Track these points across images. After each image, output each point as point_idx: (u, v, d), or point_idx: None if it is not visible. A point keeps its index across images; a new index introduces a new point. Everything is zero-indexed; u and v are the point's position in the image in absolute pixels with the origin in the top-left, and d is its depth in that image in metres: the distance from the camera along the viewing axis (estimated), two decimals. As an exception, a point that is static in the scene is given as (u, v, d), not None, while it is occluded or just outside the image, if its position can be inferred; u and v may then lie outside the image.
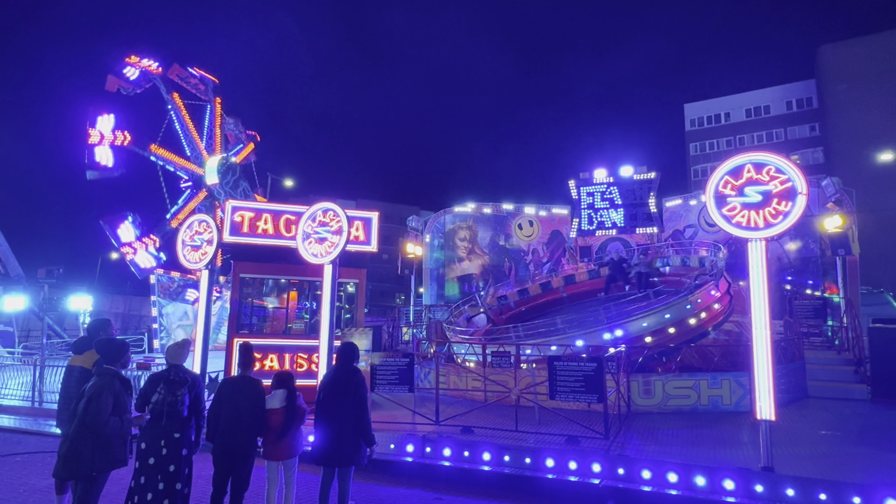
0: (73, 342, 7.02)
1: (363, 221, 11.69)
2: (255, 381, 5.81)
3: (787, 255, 18.74)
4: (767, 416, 6.82)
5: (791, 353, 12.86)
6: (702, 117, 57.60)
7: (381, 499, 7.13)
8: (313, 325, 11.93)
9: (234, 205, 11.80)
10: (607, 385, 8.94)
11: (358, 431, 5.68)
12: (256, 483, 6.02)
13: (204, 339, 10.28)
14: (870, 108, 44.01)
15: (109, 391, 4.73)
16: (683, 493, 6.82)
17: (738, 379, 10.85)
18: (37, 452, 9.24)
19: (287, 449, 5.80)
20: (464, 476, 7.87)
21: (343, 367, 5.90)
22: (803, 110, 52.69)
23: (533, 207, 24.21)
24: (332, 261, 9.26)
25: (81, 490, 4.77)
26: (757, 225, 6.99)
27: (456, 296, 22.15)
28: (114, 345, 5.06)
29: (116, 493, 6.67)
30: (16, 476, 7.86)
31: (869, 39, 46.57)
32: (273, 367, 11.21)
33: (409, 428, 9.37)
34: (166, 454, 4.97)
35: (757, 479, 6.63)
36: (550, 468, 7.68)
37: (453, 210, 23.54)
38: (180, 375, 5.18)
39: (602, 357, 9.03)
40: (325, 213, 9.34)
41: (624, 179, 22.86)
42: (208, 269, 10.46)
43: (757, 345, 6.99)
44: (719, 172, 7.27)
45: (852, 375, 12.78)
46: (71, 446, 4.67)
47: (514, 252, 23.62)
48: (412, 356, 10.24)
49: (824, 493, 6.31)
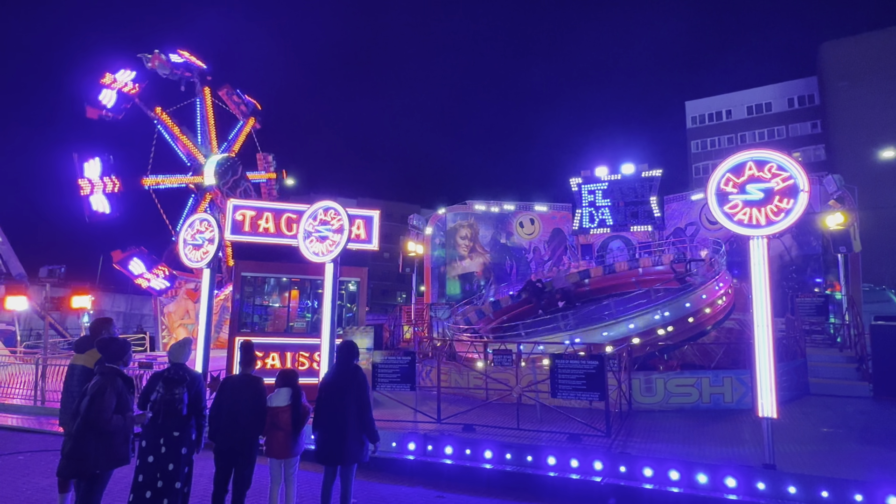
0: (76, 341, 7.03)
1: (364, 220, 11.69)
2: (256, 379, 5.81)
3: (788, 252, 18.72)
4: (769, 413, 6.81)
5: (793, 350, 12.85)
6: (703, 115, 57.48)
7: (383, 497, 7.13)
8: (315, 323, 11.95)
9: (235, 203, 11.80)
10: (609, 383, 8.94)
11: (361, 429, 5.69)
12: (258, 482, 6.02)
13: (206, 338, 10.30)
14: (872, 105, 43.88)
15: (112, 389, 4.74)
16: (685, 490, 6.82)
17: (740, 377, 10.84)
18: (39, 451, 9.27)
19: (291, 447, 5.81)
20: (466, 474, 7.88)
21: (344, 365, 5.91)
22: (805, 107, 52.54)
23: (534, 205, 24.19)
24: (333, 259, 9.26)
25: (85, 488, 4.78)
26: (759, 222, 6.97)
27: (457, 294, 22.16)
28: (116, 344, 5.07)
29: (119, 492, 6.69)
30: (19, 474, 7.88)
31: (871, 36, 46.41)
32: (275, 366, 11.23)
33: (411, 426, 9.38)
34: (165, 452, 4.98)
35: (759, 477, 6.63)
36: (552, 466, 7.68)
37: (455, 208, 23.53)
38: (179, 374, 5.19)
39: (603, 355, 9.03)
40: (326, 211, 9.34)
41: (625, 177, 22.84)
42: (210, 267, 10.47)
43: (759, 342, 6.98)
44: (721, 170, 7.26)
45: (854, 373, 12.77)
46: (75, 445, 4.67)
47: (515, 250, 23.62)
48: (413, 354, 10.24)
49: (826, 491, 6.31)
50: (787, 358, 12.26)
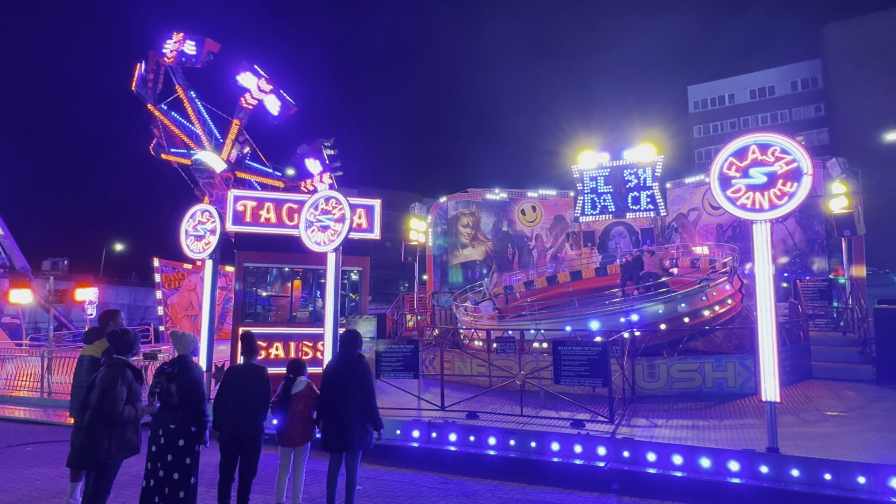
0: (84, 332, 7.07)
1: (365, 209, 11.67)
2: (260, 367, 5.83)
3: (791, 236, 18.65)
4: (772, 397, 6.82)
5: (796, 334, 12.84)
6: (705, 99, 57.10)
7: (388, 483, 7.19)
8: (318, 313, 11.97)
9: (236, 194, 11.78)
10: (612, 369, 8.96)
11: (366, 417, 5.72)
12: (263, 470, 6.07)
13: (209, 329, 10.34)
14: (876, 87, 43.48)
15: (123, 381, 4.79)
16: (689, 475, 6.86)
17: (743, 361, 10.86)
18: (48, 442, 9.36)
19: (305, 435, 5.86)
20: (470, 460, 7.94)
21: (347, 354, 5.92)
22: (808, 90, 52.11)
23: (535, 193, 24.11)
24: (335, 249, 9.26)
25: (96, 477, 4.84)
26: (762, 206, 6.93)
27: (459, 282, 22.17)
28: (126, 335, 5.11)
29: (126, 482, 6.76)
30: (28, 465, 7.96)
31: (875, 18, 45.85)
32: (279, 356, 11.27)
33: (415, 414, 9.43)
34: (164, 443, 5.05)
35: (762, 461, 6.66)
36: (556, 452, 7.73)
37: (456, 196, 23.46)
38: (171, 365, 5.23)
39: (607, 341, 9.03)
40: (327, 200, 9.33)
41: (627, 163, 22.71)
42: (212, 258, 10.48)
43: (762, 327, 6.97)
44: (724, 154, 7.20)
45: (857, 356, 12.77)
46: (87, 436, 4.72)
47: (517, 238, 23.57)
48: (417, 343, 10.28)
49: (829, 474, 6.33)
50: (790, 342, 12.26)
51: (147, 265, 26.34)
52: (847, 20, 47.38)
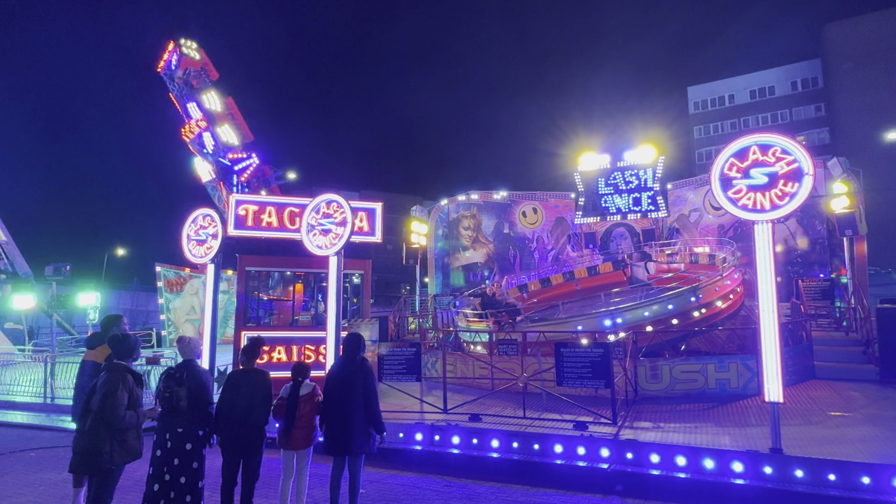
0: (87, 338, 7.08)
1: (367, 212, 11.67)
2: (262, 372, 5.83)
3: (793, 236, 18.63)
4: (775, 398, 6.80)
5: (798, 335, 12.81)
6: (706, 100, 57.08)
7: (391, 486, 7.19)
8: (320, 316, 11.98)
9: (237, 198, 11.78)
10: (614, 370, 8.95)
11: (368, 420, 5.72)
12: (265, 475, 6.07)
13: (212, 333, 10.33)
14: (877, 87, 43.49)
15: (124, 386, 4.80)
16: (692, 476, 6.85)
17: (746, 362, 10.83)
18: (51, 447, 9.36)
19: (309, 439, 5.87)
20: (473, 463, 7.93)
21: (349, 357, 5.93)
22: (809, 90, 52.07)
23: (536, 194, 24.12)
24: (336, 252, 9.26)
25: (98, 483, 4.84)
26: (763, 207, 6.92)
27: (461, 285, 22.18)
28: (128, 341, 5.12)
29: (129, 487, 6.77)
30: (31, 471, 7.96)
31: (875, 17, 45.86)
32: (281, 359, 11.28)
33: (418, 416, 9.42)
34: (171, 447, 5.05)
35: (765, 461, 6.64)
36: (559, 454, 7.71)
37: (457, 199, 23.48)
38: (178, 370, 5.24)
39: (608, 343, 9.02)
40: (328, 204, 9.33)
41: (628, 164, 22.72)
42: (214, 263, 10.48)
43: (764, 328, 6.96)
44: (724, 155, 7.20)
45: (860, 356, 12.73)
46: (90, 442, 4.73)
47: (518, 240, 23.58)
48: (419, 345, 10.28)
49: (833, 474, 6.32)
50: (792, 342, 12.23)
51: (148, 269, 26.40)
52: (847, 20, 47.38)
